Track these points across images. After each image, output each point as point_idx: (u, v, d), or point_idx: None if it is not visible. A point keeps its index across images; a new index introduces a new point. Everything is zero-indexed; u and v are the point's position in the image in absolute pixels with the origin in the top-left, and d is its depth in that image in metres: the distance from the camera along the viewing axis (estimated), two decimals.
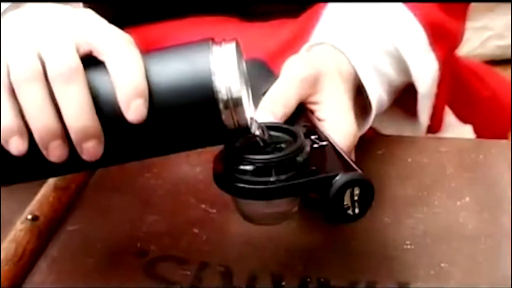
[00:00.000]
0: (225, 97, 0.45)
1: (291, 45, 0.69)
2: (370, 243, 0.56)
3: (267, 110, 0.56)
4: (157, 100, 0.46)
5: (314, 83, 0.57)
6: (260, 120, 0.52)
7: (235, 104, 0.46)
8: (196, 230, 0.58)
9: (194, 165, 0.65)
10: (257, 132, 0.49)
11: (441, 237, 0.56)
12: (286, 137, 0.51)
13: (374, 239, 0.57)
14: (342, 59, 0.62)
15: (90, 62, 0.46)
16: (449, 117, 0.77)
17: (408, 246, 0.55)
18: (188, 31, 0.74)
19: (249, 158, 0.48)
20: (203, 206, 0.61)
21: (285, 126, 0.52)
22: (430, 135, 0.73)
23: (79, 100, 0.45)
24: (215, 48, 0.46)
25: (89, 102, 0.45)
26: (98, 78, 0.46)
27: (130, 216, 0.60)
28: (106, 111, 0.46)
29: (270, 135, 0.51)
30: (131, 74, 0.45)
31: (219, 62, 0.46)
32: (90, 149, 0.46)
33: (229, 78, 0.45)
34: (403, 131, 0.73)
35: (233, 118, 0.46)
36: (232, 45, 0.46)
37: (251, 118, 0.48)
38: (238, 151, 0.49)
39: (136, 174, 0.65)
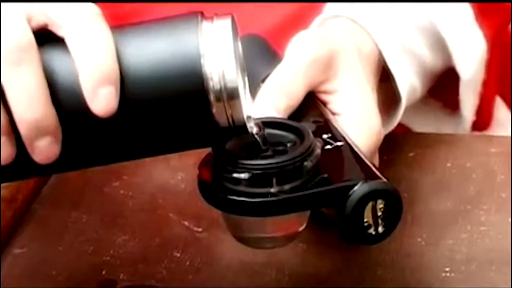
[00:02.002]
0: (217, 86, 0.46)
1: (299, 19, 0.69)
2: (399, 270, 0.57)
3: (267, 102, 0.56)
4: (130, 88, 0.46)
5: (327, 66, 0.58)
6: (257, 115, 0.53)
7: (230, 95, 0.46)
8: (177, 254, 0.59)
9: (175, 172, 0.66)
10: (255, 131, 0.49)
11: (489, 262, 0.57)
12: (291, 136, 0.52)
13: (403, 264, 0.57)
14: (363, 36, 0.63)
15: (46, 38, 0.47)
16: (500, 110, 0.78)
17: (448, 274, 0.56)
18: (170, 3, 0.75)
19: (244, 164, 0.49)
20: (186, 223, 0.62)
21: (290, 122, 0.53)
22: (475, 133, 0.74)
23: (30, 85, 0.45)
24: (206, 25, 0.47)
25: (44, 89, 0.45)
26: (56, 58, 0.46)
27: (94, 236, 0.61)
28: (65, 100, 0.46)
29: (270, 134, 0.51)
30: (98, 55, 0.45)
31: (210, 42, 0.46)
32: (44, 149, 0.46)
33: (222, 62, 0.46)
34: (441, 128, 0.74)
35: (226, 113, 0.47)
36: (227, 21, 0.47)
37: (248, 115, 0.48)
38: (230, 155, 0.50)
39: (101, 183, 0.65)
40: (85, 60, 0.46)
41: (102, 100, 0.45)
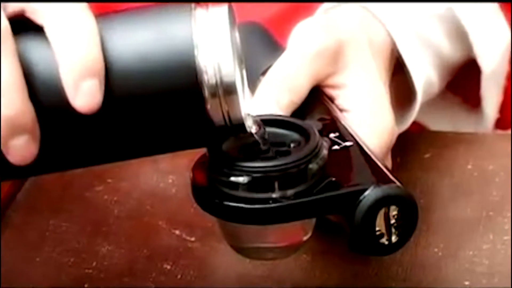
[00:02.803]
0: (212, 80, 0.46)
1: (303, 5, 0.69)
2: (413, 283, 0.57)
3: (267, 97, 0.57)
4: (116, 82, 0.46)
5: (334, 58, 0.58)
6: (257, 112, 0.53)
7: (226, 90, 0.46)
8: (167, 266, 0.59)
9: (165, 174, 0.66)
10: (254, 130, 0.50)
11: None
12: (294, 135, 0.52)
13: (419, 278, 0.57)
14: (374, 24, 0.63)
15: (23, 26, 0.47)
16: None
17: None
18: None
19: (243, 166, 0.49)
20: (177, 232, 0.62)
21: (293, 120, 0.53)
22: (499, 131, 0.74)
23: (5, 78, 0.45)
24: (200, 12, 0.47)
25: (20, 82, 0.46)
26: (34, 48, 0.47)
27: (75, 246, 0.61)
28: (44, 95, 0.46)
29: (271, 134, 0.51)
30: (80, 44, 0.46)
31: (204, 32, 0.46)
32: (20, 149, 0.46)
33: (218, 54, 0.46)
34: (460, 126, 0.74)
35: (222, 110, 0.47)
36: (223, 9, 0.47)
37: (247, 112, 0.49)
38: (227, 156, 0.50)
39: (83, 187, 0.66)
40: (66, 50, 0.46)
41: (84, 94, 0.45)
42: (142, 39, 0.47)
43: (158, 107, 0.47)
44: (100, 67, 0.46)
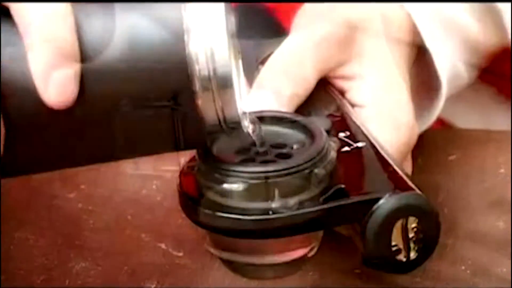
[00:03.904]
0: (204, 72, 0.47)
1: None
2: None
3: (267, 90, 0.57)
4: (94, 72, 0.47)
5: (344, 44, 0.59)
6: (255, 107, 0.54)
7: (221, 83, 0.47)
8: (151, 285, 0.59)
9: (149, 180, 0.66)
10: (251, 129, 0.50)
11: None
12: (298, 135, 0.53)
13: None
14: (390, 6, 0.63)
15: None
16: None
17: None
18: None
19: (238, 171, 0.49)
20: (163, 246, 0.62)
21: (297, 117, 0.54)
22: None
23: None
24: None
25: None
26: None
27: (44, 263, 0.62)
28: (10, 87, 0.47)
29: (271, 133, 0.52)
30: (52, 29, 0.46)
31: (196, 16, 0.47)
32: None
33: (212, 41, 0.47)
34: (493, 123, 0.74)
35: (215, 106, 0.47)
36: None
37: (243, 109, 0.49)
38: (219, 160, 0.50)
39: (53, 194, 0.66)
40: (34, 35, 0.46)
41: (56, 85, 0.46)
42: (124, 24, 0.47)
43: (142, 101, 0.47)
44: (74, 54, 0.46)
